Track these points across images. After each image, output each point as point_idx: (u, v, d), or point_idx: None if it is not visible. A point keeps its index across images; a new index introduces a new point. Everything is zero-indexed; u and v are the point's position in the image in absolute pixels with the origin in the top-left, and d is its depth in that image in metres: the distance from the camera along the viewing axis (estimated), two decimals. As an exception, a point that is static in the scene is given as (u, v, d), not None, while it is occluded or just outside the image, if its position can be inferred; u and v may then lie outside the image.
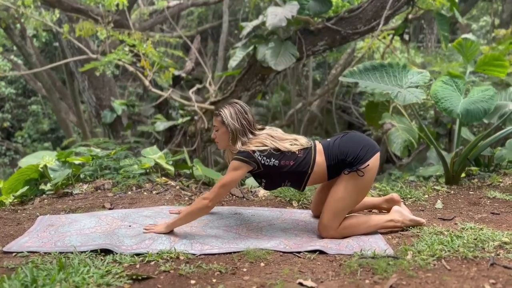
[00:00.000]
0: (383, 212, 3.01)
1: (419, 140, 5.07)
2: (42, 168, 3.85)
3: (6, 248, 2.34)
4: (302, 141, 2.55)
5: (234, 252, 2.33)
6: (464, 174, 4.34)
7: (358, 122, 12.64)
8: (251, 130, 2.51)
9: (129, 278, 2.01)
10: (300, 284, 1.93)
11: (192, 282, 1.99)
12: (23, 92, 13.59)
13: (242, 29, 6.06)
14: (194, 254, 2.30)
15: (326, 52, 8.31)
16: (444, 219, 2.92)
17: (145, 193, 3.51)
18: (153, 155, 3.99)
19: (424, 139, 4.58)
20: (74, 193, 3.66)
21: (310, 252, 2.33)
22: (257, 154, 2.42)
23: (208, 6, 12.02)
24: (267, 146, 2.44)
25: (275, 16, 5.35)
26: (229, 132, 2.50)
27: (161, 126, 6.63)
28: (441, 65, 6.87)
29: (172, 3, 9.58)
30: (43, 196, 3.77)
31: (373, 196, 3.46)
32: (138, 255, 2.26)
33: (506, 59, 4.84)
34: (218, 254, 2.32)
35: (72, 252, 2.27)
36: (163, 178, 3.82)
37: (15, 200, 3.87)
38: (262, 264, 2.19)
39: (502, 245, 2.29)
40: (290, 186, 2.59)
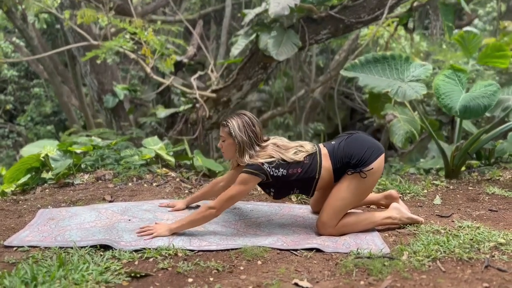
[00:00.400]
0: (381, 208, 3.03)
1: (421, 132, 5.06)
2: (43, 157, 3.88)
3: (7, 243, 2.37)
4: (307, 147, 2.55)
5: (232, 249, 2.35)
6: (464, 167, 4.34)
7: (360, 108, 12.59)
8: (258, 143, 2.51)
9: (127, 275, 2.04)
10: (296, 284, 1.95)
11: (190, 280, 2.02)
12: (25, 75, 13.55)
13: (245, 16, 5.99)
14: (193, 251, 2.32)
15: (329, 40, 8.23)
16: (441, 216, 2.94)
17: (145, 185, 3.54)
18: (153, 145, 4.01)
19: (426, 129, 4.56)
20: (75, 183, 3.69)
21: (307, 250, 2.36)
22: (266, 166, 2.43)
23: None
24: (275, 157, 2.44)
25: (277, 4, 5.28)
26: (235, 144, 2.49)
27: (162, 114, 6.62)
28: (445, 54, 6.80)
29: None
30: (45, 185, 3.80)
31: (372, 191, 3.47)
32: (137, 251, 2.29)
33: (509, 49, 4.79)
34: (216, 251, 2.34)
35: (72, 247, 2.30)
36: (163, 169, 3.84)
37: (17, 189, 3.91)
38: (259, 262, 2.21)
39: (497, 246, 2.31)
40: (299, 193, 2.61)
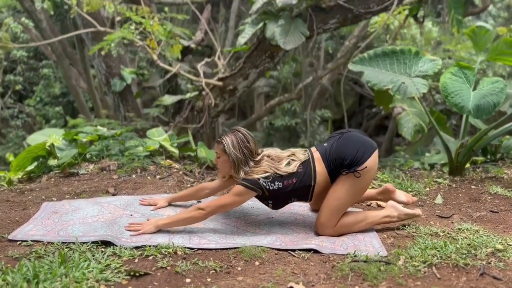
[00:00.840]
0: (379, 207, 3.06)
1: (429, 123, 5.02)
2: (49, 146, 3.92)
3: (11, 236, 2.43)
4: (300, 155, 2.56)
5: (231, 248, 2.39)
6: (468, 164, 4.32)
7: (369, 95, 12.49)
8: (252, 158, 2.53)
9: (127, 273, 2.08)
10: (291, 288, 1.99)
11: (187, 280, 2.06)
12: (34, 55, 13.59)
13: (253, 3, 5.93)
14: (192, 249, 2.36)
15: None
16: (442, 217, 2.95)
17: (148, 177, 3.58)
18: (158, 136, 4.03)
19: (433, 125, 4.53)
20: (80, 173, 3.74)
21: (305, 250, 2.38)
22: (261, 181, 2.45)
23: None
24: (269, 172, 2.47)
25: (286, -8, 5.22)
26: (230, 161, 2.52)
27: (169, 100, 6.63)
28: (456, 44, 6.69)
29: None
30: (50, 174, 3.86)
31: (374, 187, 3.48)
32: (137, 248, 2.34)
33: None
34: (215, 250, 2.38)
35: (74, 243, 2.35)
36: (167, 160, 3.87)
37: (24, 177, 3.97)
38: (257, 263, 2.25)
39: (494, 252, 2.32)
40: (297, 201, 2.63)
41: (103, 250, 2.31)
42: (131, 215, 2.73)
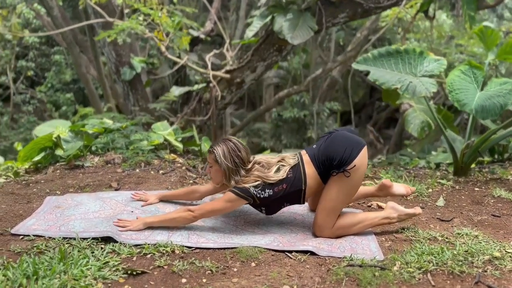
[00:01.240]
0: (380, 208, 3.06)
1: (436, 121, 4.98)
2: (55, 138, 3.97)
3: (13, 230, 2.48)
4: (289, 160, 2.57)
5: (228, 248, 2.41)
6: (474, 164, 4.28)
7: (380, 87, 12.42)
8: (244, 167, 2.55)
9: (124, 272, 2.12)
10: (285, 291, 2.01)
11: (183, 281, 2.09)
12: (46, 41, 13.68)
13: (261, -4, 5.90)
14: (190, 247, 2.39)
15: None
16: (442, 220, 2.94)
17: (152, 172, 3.61)
18: (163, 130, 4.05)
19: (439, 123, 4.49)
20: (86, 165, 3.79)
21: (302, 252, 2.40)
22: (252, 190, 2.48)
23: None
24: (260, 181, 2.49)
25: (295, -15, 5.17)
26: (221, 171, 2.54)
27: (176, 91, 6.65)
28: (468, 40, 6.58)
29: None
30: (56, 165, 3.92)
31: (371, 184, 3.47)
32: (136, 245, 2.37)
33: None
34: (213, 249, 2.41)
35: (75, 238, 2.39)
36: (171, 154, 3.90)
37: (31, 167, 4.04)
38: (253, 264, 2.27)
39: (492, 259, 2.31)
40: (290, 205, 2.64)
41: (102, 246, 2.35)
42: (132, 211, 2.76)
